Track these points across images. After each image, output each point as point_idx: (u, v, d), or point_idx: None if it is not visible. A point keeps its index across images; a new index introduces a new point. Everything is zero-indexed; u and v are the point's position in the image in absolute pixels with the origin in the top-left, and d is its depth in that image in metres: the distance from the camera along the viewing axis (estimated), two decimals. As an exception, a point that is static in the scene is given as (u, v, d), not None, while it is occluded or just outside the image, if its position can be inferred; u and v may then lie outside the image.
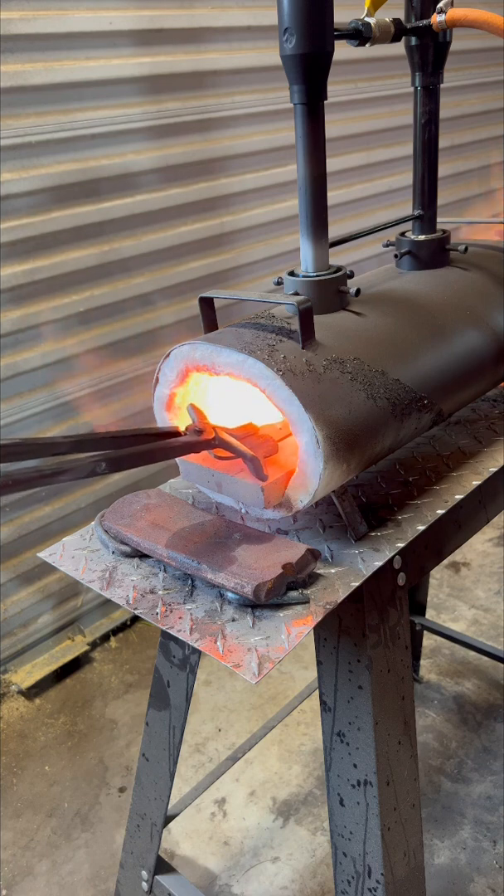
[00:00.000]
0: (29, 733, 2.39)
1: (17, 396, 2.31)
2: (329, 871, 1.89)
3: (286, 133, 2.84)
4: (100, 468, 0.79)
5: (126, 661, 2.67)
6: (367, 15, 1.08)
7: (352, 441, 0.94)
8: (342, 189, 3.21)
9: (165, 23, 2.37)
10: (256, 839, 1.99)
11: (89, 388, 2.49)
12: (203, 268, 2.71)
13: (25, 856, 2.00)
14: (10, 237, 2.16)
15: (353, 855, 1.11)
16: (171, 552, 0.99)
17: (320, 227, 1.07)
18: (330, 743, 1.08)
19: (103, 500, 2.62)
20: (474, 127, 3.86)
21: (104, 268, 2.42)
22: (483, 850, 1.89)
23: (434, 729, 2.26)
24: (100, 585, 1.01)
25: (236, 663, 0.84)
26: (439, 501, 1.08)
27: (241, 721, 2.37)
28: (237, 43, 2.61)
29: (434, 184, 1.29)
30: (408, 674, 1.07)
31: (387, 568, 0.99)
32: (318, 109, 1.01)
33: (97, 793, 2.16)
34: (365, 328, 1.05)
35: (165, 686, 1.31)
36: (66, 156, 2.24)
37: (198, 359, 1.00)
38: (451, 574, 2.94)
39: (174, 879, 1.53)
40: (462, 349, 1.13)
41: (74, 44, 2.18)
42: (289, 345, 0.96)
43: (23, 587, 2.51)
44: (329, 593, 0.92)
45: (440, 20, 1.11)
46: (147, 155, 2.44)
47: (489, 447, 1.22)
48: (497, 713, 2.29)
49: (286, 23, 0.94)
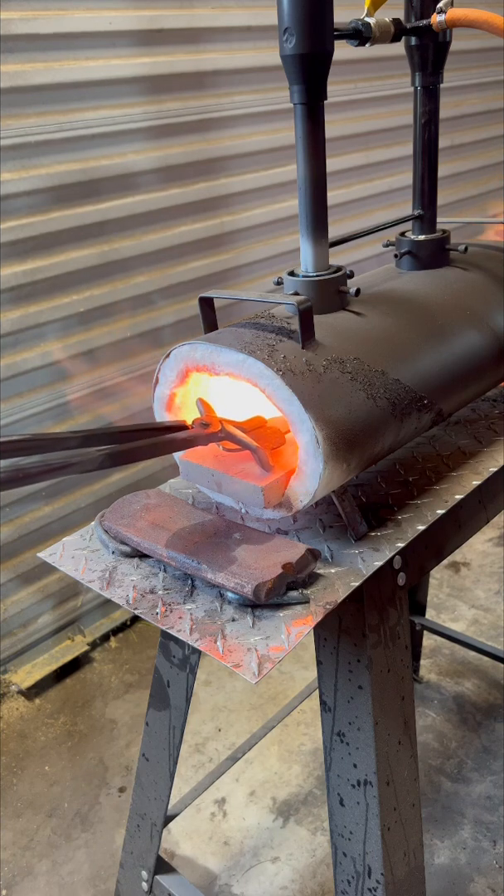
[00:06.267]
0: (29, 733, 2.39)
1: (17, 396, 2.31)
2: (329, 871, 1.89)
3: (286, 133, 2.84)
4: (108, 461, 0.81)
5: (126, 661, 2.67)
6: (367, 15, 1.08)
7: (352, 441, 0.94)
8: (342, 189, 3.21)
9: (165, 23, 2.37)
10: (256, 839, 1.99)
11: (89, 388, 2.49)
12: (203, 268, 2.71)
13: (25, 856, 2.00)
14: (10, 237, 2.16)
15: (353, 855, 1.11)
16: (171, 552, 0.99)
17: (320, 227, 1.07)
18: (330, 743, 1.08)
19: (103, 500, 2.62)
20: (474, 127, 3.86)
21: (104, 268, 2.42)
22: (483, 850, 1.89)
23: (434, 729, 2.26)
24: (100, 585, 1.01)
25: (236, 663, 0.84)
26: (439, 501, 1.08)
27: (241, 721, 2.37)
28: (237, 43, 2.61)
29: (434, 184, 1.29)
30: (408, 674, 1.07)
31: (387, 568, 0.99)
32: (318, 109, 1.01)
33: (97, 793, 2.16)
34: (365, 328, 1.05)
35: (165, 686, 1.31)
36: (66, 156, 2.24)
37: (198, 359, 1.00)
38: (451, 574, 2.94)
39: (174, 879, 1.53)
40: (462, 349, 1.13)
41: (74, 44, 2.18)
42: (289, 345, 0.96)
43: (23, 587, 2.51)
44: (329, 593, 0.92)
45: (440, 20, 1.11)
46: (147, 155, 2.44)
47: (489, 447, 1.22)
48: (497, 713, 2.29)
49: (286, 23, 0.94)
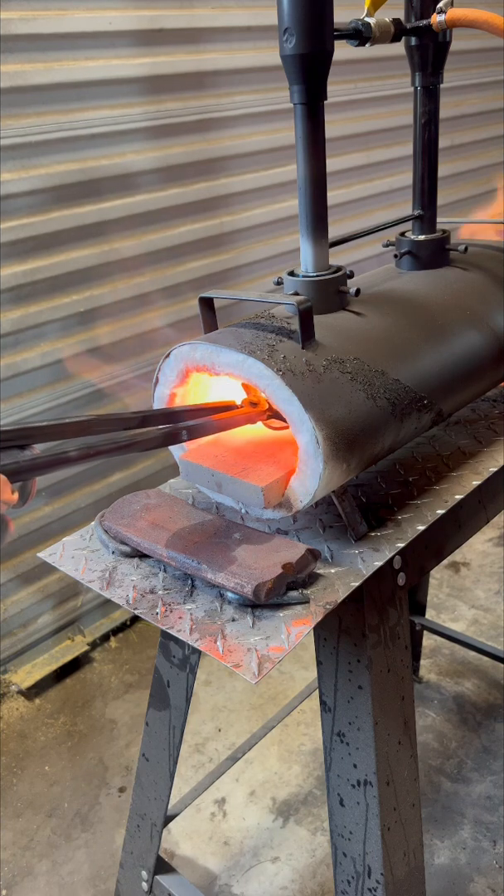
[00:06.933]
0: (29, 733, 2.39)
1: (17, 396, 2.31)
2: (329, 871, 1.89)
3: (286, 133, 2.84)
4: (183, 436, 0.92)
5: (126, 661, 2.67)
6: (367, 15, 1.08)
7: (352, 441, 0.94)
8: (342, 189, 3.21)
9: (165, 23, 2.37)
10: (256, 839, 1.99)
11: (89, 387, 2.49)
12: (203, 268, 2.71)
13: (25, 856, 2.00)
14: (10, 237, 2.16)
15: (353, 855, 1.11)
16: (171, 552, 0.99)
17: (320, 227, 1.07)
18: (330, 743, 1.08)
19: (103, 500, 2.62)
20: (474, 127, 3.86)
21: (104, 268, 2.42)
22: (483, 850, 1.89)
23: (434, 729, 2.26)
24: (100, 585, 1.01)
25: (236, 663, 0.84)
26: (439, 501, 1.08)
27: (241, 721, 2.37)
28: (237, 43, 2.61)
29: (434, 184, 1.29)
30: (408, 674, 1.07)
31: (387, 568, 0.99)
32: (318, 109, 1.01)
33: (97, 793, 2.16)
34: (365, 328, 1.05)
35: (165, 686, 1.31)
36: (66, 156, 2.24)
37: (198, 359, 1.00)
38: (451, 574, 2.94)
39: (174, 879, 1.53)
40: (462, 349, 1.13)
41: (74, 44, 2.18)
42: (289, 345, 0.96)
43: (23, 587, 2.51)
44: (329, 593, 0.92)
45: (440, 20, 1.11)
46: (147, 155, 2.44)
47: (489, 447, 1.22)
48: (497, 713, 2.29)
49: (286, 23, 0.94)
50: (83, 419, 0.84)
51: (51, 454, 0.78)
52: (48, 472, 0.77)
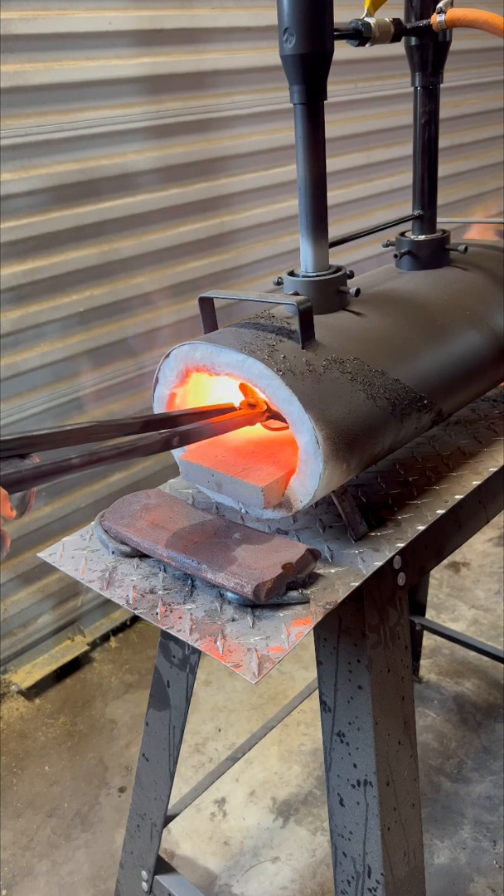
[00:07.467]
0: (29, 733, 2.39)
1: (17, 396, 2.31)
2: (329, 871, 1.89)
3: (286, 133, 2.84)
4: (170, 443, 0.90)
5: (126, 661, 2.67)
6: (367, 15, 1.08)
7: (352, 441, 0.94)
8: (342, 189, 3.21)
9: (165, 23, 2.37)
10: (256, 839, 1.99)
11: (89, 387, 2.49)
12: (203, 268, 2.71)
13: (25, 856, 2.00)
14: (10, 237, 2.16)
15: (353, 855, 1.11)
16: (171, 552, 0.99)
17: (320, 227, 1.07)
18: (330, 743, 1.08)
19: (103, 500, 2.62)
20: (474, 127, 3.86)
21: (104, 268, 2.42)
22: (483, 850, 1.89)
23: (434, 729, 2.26)
24: (100, 585, 1.01)
25: (236, 663, 0.84)
26: (439, 501, 1.08)
27: (241, 721, 2.37)
28: (237, 43, 2.61)
29: (434, 184, 1.29)
30: (407, 674, 1.07)
31: (387, 568, 0.99)
32: (318, 109, 1.01)
33: (97, 793, 2.16)
34: (365, 328, 1.05)
35: (165, 686, 1.31)
36: (66, 156, 2.24)
37: (198, 359, 1.00)
38: (451, 574, 2.94)
39: (174, 879, 1.53)
40: (462, 349, 1.13)
41: (74, 44, 2.18)
42: (289, 345, 0.96)
43: (23, 587, 2.51)
44: (329, 593, 0.92)
45: (440, 20, 1.11)
46: (147, 155, 2.44)
47: (489, 447, 1.22)
48: (497, 713, 2.29)
49: (286, 23, 0.94)
50: (86, 426, 0.84)
51: (53, 462, 0.77)
52: (51, 481, 0.77)
